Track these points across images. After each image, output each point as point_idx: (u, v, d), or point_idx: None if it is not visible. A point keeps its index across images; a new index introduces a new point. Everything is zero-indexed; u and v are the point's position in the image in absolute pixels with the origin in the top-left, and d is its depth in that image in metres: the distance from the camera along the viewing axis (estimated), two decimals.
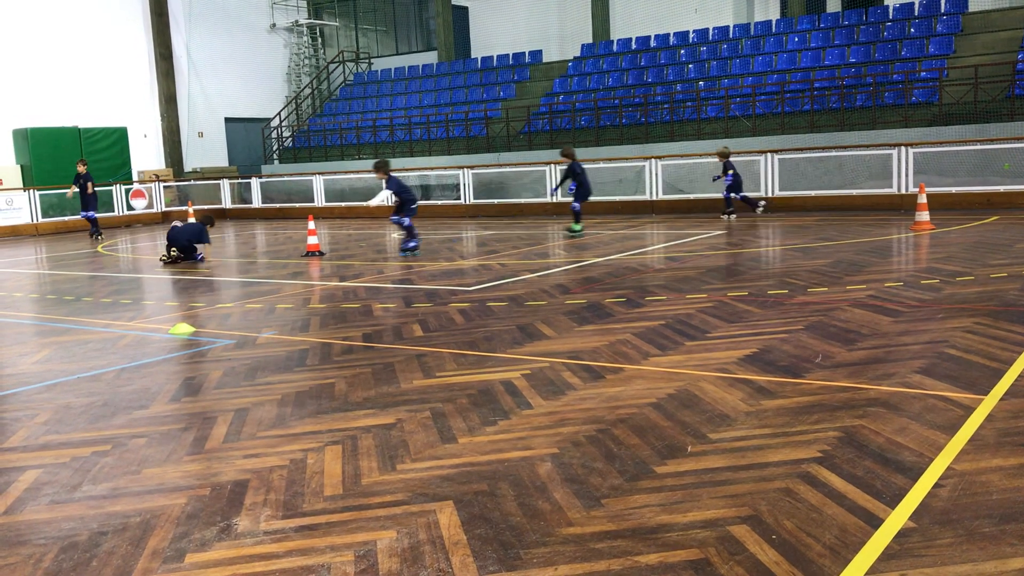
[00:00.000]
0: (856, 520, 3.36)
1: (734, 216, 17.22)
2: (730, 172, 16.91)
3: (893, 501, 3.52)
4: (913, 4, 23.07)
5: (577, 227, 15.41)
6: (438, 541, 3.37)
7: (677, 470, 3.97)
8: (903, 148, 16.98)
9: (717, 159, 17.32)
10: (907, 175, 16.86)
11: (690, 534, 3.31)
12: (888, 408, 4.71)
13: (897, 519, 3.35)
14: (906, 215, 15.61)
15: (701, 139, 21.27)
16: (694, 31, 25.78)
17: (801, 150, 18.44)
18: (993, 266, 9.38)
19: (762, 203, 17.65)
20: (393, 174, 13.63)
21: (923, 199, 13.76)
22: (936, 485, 3.66)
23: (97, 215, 20.00)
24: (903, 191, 16.90)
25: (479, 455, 4.30)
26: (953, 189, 16.56)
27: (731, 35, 25.09)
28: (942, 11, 22.46)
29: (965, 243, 11.49)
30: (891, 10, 23.39)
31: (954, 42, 20.83)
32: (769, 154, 18.33)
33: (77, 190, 19.45)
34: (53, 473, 4.35)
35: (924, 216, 13.60)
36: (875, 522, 3.34)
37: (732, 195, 17.04)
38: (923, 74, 20.03)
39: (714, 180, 17.49)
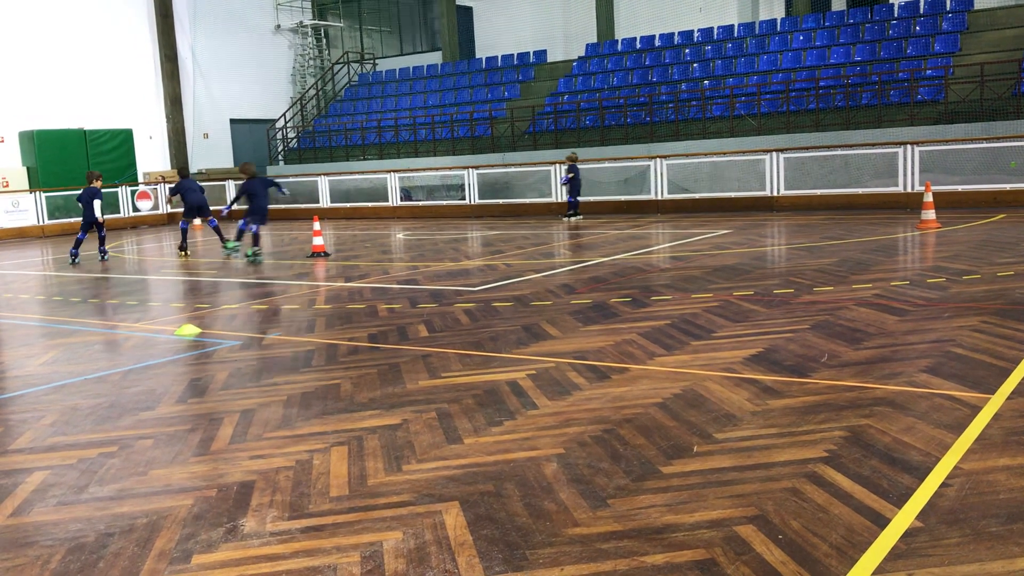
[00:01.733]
0: (863, 520, 3.36)
1: (574, 218, 18.80)
2: (570, 175, 18.72)
3: (900, 501, 3.51)
4: (918, 2, 23.02)
5: (231, 244, 14.07)
6: (444, 542, 3.37)
7: (683, 470, 3.97)
8: (909, 146, 16.93)
9: (566, 162, 19.06)
10: (913, 173, 16.81)
11: (696, 534, 3.31)
12: (894, 407, 4.70)
13: (904, 519, 3.34)
14: (912, 214, 15.58)
15: (706, 138, 21.24)
16: (699, 30, 25.75)
17: (806, 149, 18.41)
18: (1000, 264, 9.35)
19: (578, 216, 19.03)
20: (97, 185, 14.52)
21: (929, 198, 13.72)
22: (943, 484, 3.65)
23: None
24: (909, 190, 16.85)
25: (485, 456, 4.30)
26: (959, 187, 16.50)
27: (736, 34, 25.06)
28: (948, 9, 22.40)
29: (972, 241, 11.46)
30: (896, 8, 23.34)
31: (960, 40, 20.78)
32: (774, 153, 18.30)
33: None
34: (60, 475, 4.36)
35: (930, 215, 13.56)
36: (882, 522, 3.33)
37: (572, 199, 18.85)
38: (929, 72, 19.98)
39: (564, 182, 19.11)
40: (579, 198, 19.03)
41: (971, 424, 4.36)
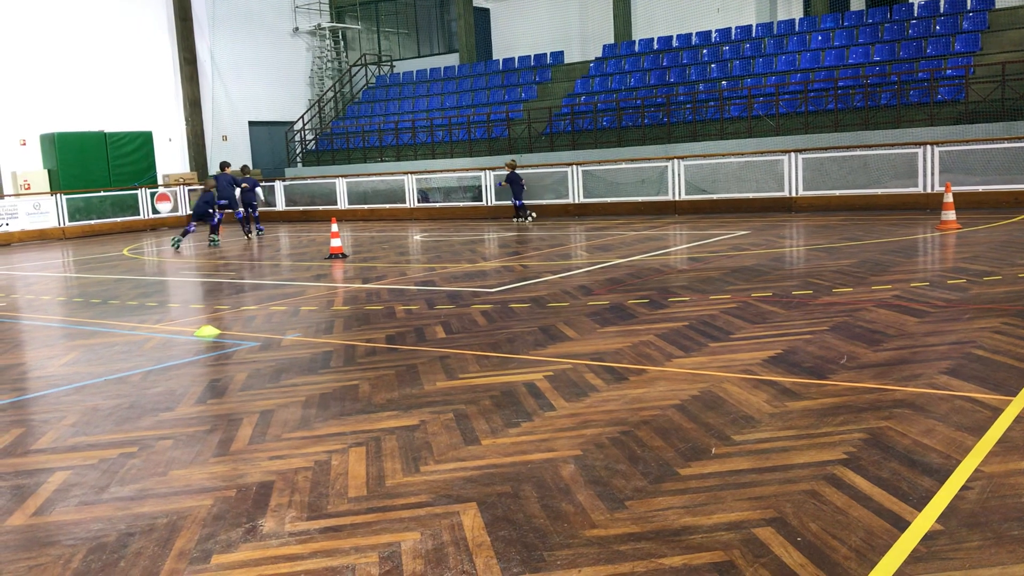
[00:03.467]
0: (882, 522, 3.34)
1: (523, 220, 19.79)
2: (520, 182, 19.64)
3: (920, 503, 3.49)
4: (938, 1, 22.84)
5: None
6: (462, 543, 3.37)
7: (701, 472, 3.96)
8: (929, 147, 16.82)
9: (505, 169, 19.97)
10: (933, 174, 16.70)
11: (714, 536, 3.30)
12: (914, 409, 4.67)
13: (924, 521, 3.32)
14: (932, 214, 15.46)
15: (724, 139, 21.17)
16: (716, 31, 25.67)
17: (825, 149, 18.32)
18: (1021, 265, 9.27)
19: (532, 215, 20.11)
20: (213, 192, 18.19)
21: (949, 198, 13.62)
22: (963, 487, 3.62)
23: None
24: (929, 190, 16.73)
25: (502, 457, 4.31)
26: (980, 188, 16.37)
27: (754, 34, 24.97)
28: (968, 8, 22.22)
29: (992, 242, 11.37)
30: (916, 7, 23.18)
31: (980, 39, 20.61)
32: (793, 153, 18.22)
33: None
34: (81, 475, 4.40)
35: (950, 215, 13.46)
36: (901, 524, 3.31)
37: (519, 203, 19.79)
38: (949, 72, 19.83)
39: (499, 186, 20.17)
40: (524, 201, 19.91)
41: (992, 426, 4.33)
